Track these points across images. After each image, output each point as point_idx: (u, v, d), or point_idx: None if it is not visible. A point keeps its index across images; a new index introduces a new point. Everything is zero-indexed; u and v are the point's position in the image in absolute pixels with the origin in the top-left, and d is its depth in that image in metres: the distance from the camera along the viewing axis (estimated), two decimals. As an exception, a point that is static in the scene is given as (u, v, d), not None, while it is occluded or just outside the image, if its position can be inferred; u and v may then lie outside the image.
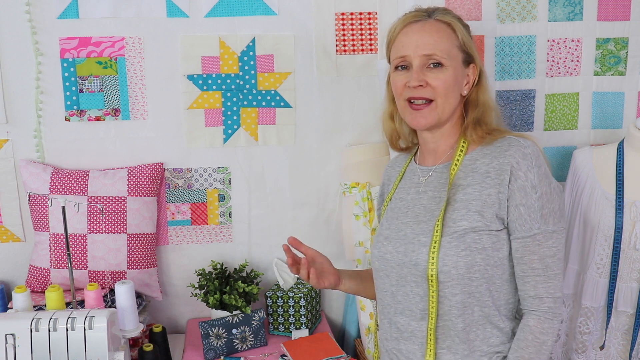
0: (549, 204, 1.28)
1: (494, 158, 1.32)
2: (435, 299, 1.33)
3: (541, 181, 1.28)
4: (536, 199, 1.27)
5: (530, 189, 1.27)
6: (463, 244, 1.30)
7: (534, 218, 1.28)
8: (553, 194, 1.30)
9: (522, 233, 1.29)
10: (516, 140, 1.31)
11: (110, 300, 1.94)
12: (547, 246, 1.29)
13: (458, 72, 1.36)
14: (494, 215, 1.30)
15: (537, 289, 1.30)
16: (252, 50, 2.02)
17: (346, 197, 2.09)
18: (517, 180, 1.28)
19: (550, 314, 1.30)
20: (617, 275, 1.79)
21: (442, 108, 1.36)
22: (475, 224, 1.30)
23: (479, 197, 1.31)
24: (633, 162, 1.81)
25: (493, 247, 1.30)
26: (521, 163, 1.28)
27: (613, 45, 2.05)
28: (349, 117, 2.12)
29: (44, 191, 1.96)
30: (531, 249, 1.29)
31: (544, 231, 1.28)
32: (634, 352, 1.83)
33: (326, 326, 2.19)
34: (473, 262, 1.30)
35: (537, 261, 1.29)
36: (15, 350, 1.49)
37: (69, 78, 1.97)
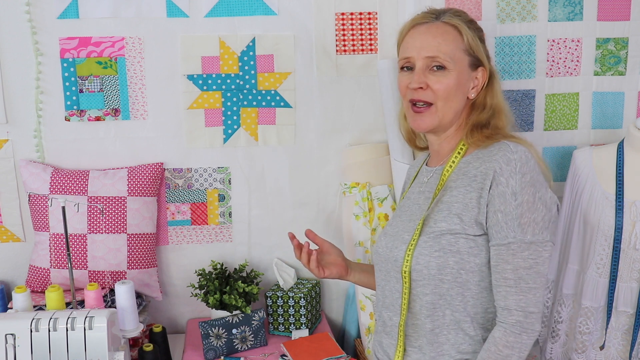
0: (529, 214, 1.23)
1: (483, 162, 1.29)
2: (407, 295, 1.33)
3: (523, 189, 1.23)
4: (515, 207, 1.23)
5: (510, 195, 1.23)
6: (438, 244, 1.29)
7: (511, 226, 1.24)
8: (537, 203, 1.24)
9: (497, 240, 1.26)
10: (506, 145, 1.28)
11: (110, 300, 1.94)
12: (522, 257, 1.24)
13: (463, 75, 1.35)
14: (473, 219, 1.28)
15: (507, 300, 1.25)
16: (252, 50, 2.02)
17: (346, 197, 2.09)
18: (498, 186, 1.25)
19: (518, 328, 1.25)
20: (617, 275, 1.79)
21: (442, 112, 1.35)
22: (453, 227, 1.28)
23: (462, 200, 1.29)
24: (633, 162, 1.81)
25: (469, 252, 1.28)
26: (504, 168, 1.25)
27: (613, 45, 2.05)
28: (349, 117, 2.12)
29: (44, 191, 1.96)
30: (504, 258, 1.25)
31: (519, 241, 1.23)
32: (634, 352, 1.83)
33: (326, 326, 2.19)
34: (445, 263, 1.29)
35: (510, 271, 1.25)
36: (15, 350, 1.49)
37: (69, 78, 1.97)
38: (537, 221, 1.24)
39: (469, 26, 1.37)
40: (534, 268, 1.24)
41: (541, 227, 1.24)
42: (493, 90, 1.39)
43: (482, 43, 1.39)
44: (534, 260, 1.24)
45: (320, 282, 2.24)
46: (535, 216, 1.23)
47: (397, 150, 2.01)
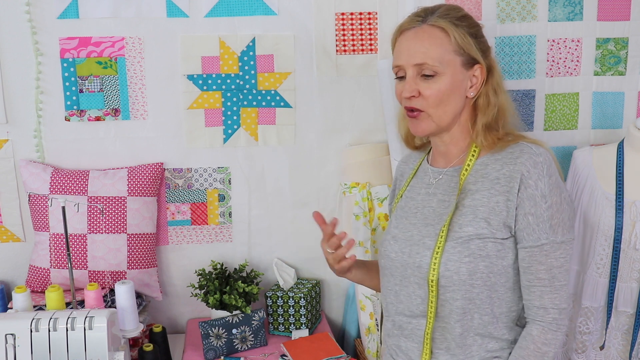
0: (559, 214, 1.26)
1: (505, 164, 1.29)
2: (434, 303, 1.32)
3: (551, 191, 1.26)
4: (546, 209, 1.25)
5: (540, 198, 1.25)
6: (467, 250, 1.29)
7: (543, 228, 1.26)
8: (563, 204, 1.27)
9: (529, 242, 1.27)
10: (528, 147, 1.29)
11: (110, 300, 1.94)
12: (554, 257, 1.27)
13: (457, 77, 1.32)
14: (501, 223, 1.28)
15: (543, 299, 1.29)
16: (252, 50, 2.02)
17: (346, 197, 2.09)
18: (527, 188, 1.26)
19: (555, 325, 1.29)
20: (617, 275, 1.79)
21: (437, 117, 1.33)
22: (481, 231, 1.28)
23: (487, 203, 1.29)
24: (633, 162, 1.81)
25: (497, 255, 1.29)
26: (532, 171, 1.26)
27: (613, 45, 2.05)
28: (349, 117, 2.12)
29: (44, 191, 1.96)
30: (538, 259, 1.27)
31: (552, 241, 1.26)
32: (634, 352, 1.83)
33: (326, 326, 2.19)
34: (476, 268, 1.28)
35: (544, 271, 1.28)
36: (15, 350, 1.49)
37: (69, 78, 1.97)
38: (565, 221, 1.27)
39: (458, 24, 1.31)
40: (564, 266, 1.28)
41: (568, 226, 1.28)
42: (494, 86, 1.36)
43: (477, 38, 1.34)
44: (564, 259, 1.28)
45: (320, 282, 2.24)
46: (563, 216, 1.27)
47: (397, 150, 2.01)
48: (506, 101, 1.37)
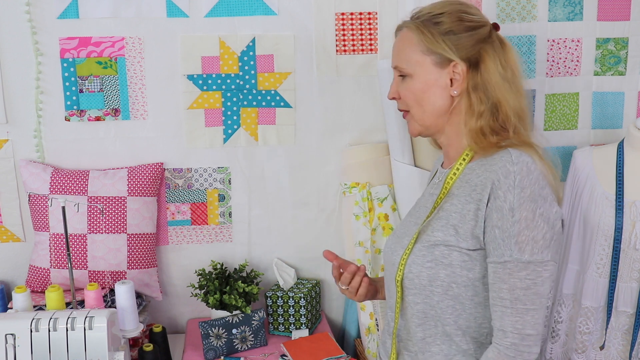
0: (528, 231, 1.15)
1: (485, 171, 1.22)
2: (399, 303, 1.32)
3: (522, 204, 1.15)
4: (512, 223, 1.15)
5: (507, 211, 1.16)
6: (431, 254, 1.25)
7: (507, 244, 1.16)
8: (537, 220, 1.16)
9: (493, 257, 1.19)
10: (508, 155, 1.19)
11: (110, 300, 1.94)
12: (518, 277, 1.16)
13: (430, 76, 1.29)
14: (469, 232, 1.21)
15: (503, 320, 1.19)
16: (252, 50, 2.02)
17: (346, 197, 2.09)
18: (496, 199, 1.17)
19: (513, 351, 1.18)
20: (617, 275, 1.79)
21: (418, 117, 1.34)
22: (448, 238, 1.23)
23: (460, 210, 1.23)
24: (633, 162, 1.81)
25: (462, 265, 1.22)
26: (502, 181, 1.17)
27: (613, 45, 2.05)
28: (349, 117, 2.12)
29: (44, 191, 1.96)
30: (501, 277, 1.18)
31: (516, 260, 1.15)
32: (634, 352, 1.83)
33: (326, 326, 2.19)
34: (436, 275, 1.24)
35: (506, 291, 1.17)
36: (15, 350, 1.49)
37: (69, 78, 1.97)
38: (537, 239, 1.16)
39: (427, 23, 1.30)
40: (532, 289, 1.16)
41: (541, 245, 1.16)
42: (478, 82, 1.27)
43: (456, 34, 1.28)
44: (532, 281, 1.16)
45: (320, 282, 2.24)
46: (535, 234, 1.15)
47: (397, 150, 2.01)
48: (506, 98, 1.27)
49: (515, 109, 1.27)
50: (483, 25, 1.30)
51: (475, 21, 1.29)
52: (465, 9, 1.31)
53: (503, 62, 1.28)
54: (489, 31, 1.30)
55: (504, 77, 1.27)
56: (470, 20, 1.29)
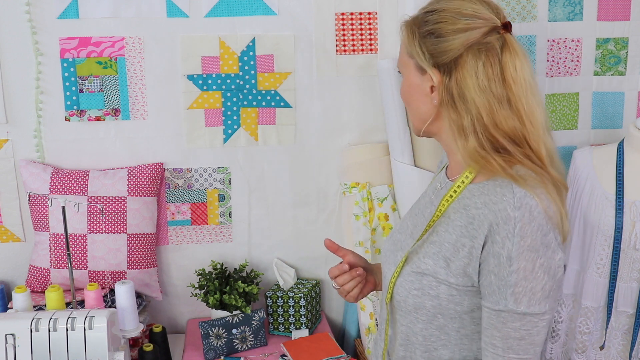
0: (526, 283, 1.05)
1: (484, 204, 1.08)
2: (387, 324, 1.25)
3: (521, 254, 1.04)
4: (509, 273, 1.05)
5: (505, 259, 1.05)
6: (418, 282, 1.16)
7: (503, 293, 1.06)
8: (537, 271, 1.05)
9: (488, 303, 1.09)
10: (511, 194, 1.06)
11: (110, 300, 1.94)
12: (513, 327, 1.07)
13: (414, 79, 1.19)
14: (461, 269, 1.11)
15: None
16: (252, 50, 2.02)
17: (346, 197, 2.09)
18: (494, 244, 1.06)
19: None
20: (617, 275, 1.79)
21: (411, 118, 1.26)
22: (438, 270, 1.13)
23: (454, 243, 1.12)
24: (633, 162, 1.81)
25: (449, 299, 1.13)
26: (501, 227, 1.05)
27: (613, 45, 2.05)
28: (349, 117, 2.12)
29: (44, 191, 1.96)
30: (494, 324, 1.09)
31: (511, 311, 1.06)
32: (634, 352, 1.83)
33: (326, 326, 2.19)
34: (422, 304, 1.16)
35: (499, 339, 1.09)
36: (15, 350, 1.49)
37: (69, 78, 1.97)
38: (535, 291, 1.05)
39: (416, 22, 1.18)
40: (526, 339, 1.08)
41: (539, 297, 1.06)
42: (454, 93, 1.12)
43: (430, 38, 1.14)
44: (527, 332, 1.07)
45: (320, 282, 2.24)
46: (534, 285, 1.05)
47: (397, 150, 2.01)
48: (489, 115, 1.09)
49: (507, 130, 1.09)
50: (476, 28, 1.10)
51: (465, 23, 1.11)
52: (461, 8, 1.12)
53: (490, 71, 1.10)
54: (483, 33, 1.10)
55: (484, 88, 1.09)
56: (456, 23, 1.12)
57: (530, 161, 1.10)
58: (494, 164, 1.08)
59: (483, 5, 1.13)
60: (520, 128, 1.10)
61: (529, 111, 1.10)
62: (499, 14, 1.12)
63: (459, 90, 1.11)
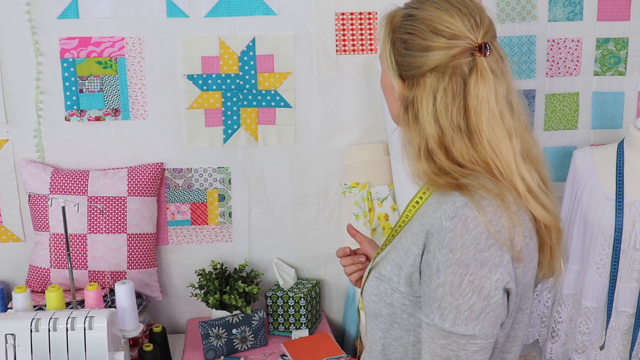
0: (452, 299, 0.96)
1: (433, 212, 1.02)
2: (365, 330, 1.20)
3: (448, 267, 0.96)
4: (437, 285, 0.98)
5: (434, 270, 0.99)
6: (377, 288, 1.11)
7: (431, 306, 0.99)
8: (464, 288, 0.96)
9: (422, 315, 1.03)
10: (451, 202, 0.99)
11: (110, 300, 1.94)
12: (439, 345, 0.99)
13: (386, 79, 1.11)
14: (407, 277, 1.05)
15: None
16: (252, 50, 2.02)
17: (346, 197, 2.09)
18: (428, 254, 1.01)
19: None
20: (617, 275, 1.79)
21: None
22: (392, 277, 1.08)
23: (406, 250, 1.06)
24: (633, 162, 1.81)
25: (403, 309, 1.07)
26: (434, 236, 0.99)
27: (613, 45, 2.05)
28: (349, 117, 2.12)
29: (44, 191, 1.96)
30: (425, 338, 1.02)
31: (436, 326, 0.98)
32: (634, 352, 1.83)
33: (326, 326, 2.19)
34: (379, 312, 1.11)
35: (428, 354, 1.01)
36: (15, 350, 1.49)
37: (69, 78, 1.97)
38: (462, 309, 0.96)
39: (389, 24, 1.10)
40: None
41: (466, 317, 0.96)
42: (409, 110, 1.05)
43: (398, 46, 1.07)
44: (454, 353, 0.98)
45: (320, 282, 2.24)
46: (460, 303, 0.96)
47: (397, 150, 2.01)
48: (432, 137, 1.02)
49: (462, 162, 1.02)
50: (445, 49, 1.00)
51: (435, 41, 1.01)
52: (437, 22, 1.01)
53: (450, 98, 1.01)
54: (451, 56, 1.00)
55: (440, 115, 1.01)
56: (430, 39, 1.01)
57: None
58: (441, 182, 1.02)
59: (463, 19, 1.01)
60: (482, 160, 1.01)
61: (493, 144, 1.00)
62: (478, 30, 1.01)
63: (414, 111, 1.04)
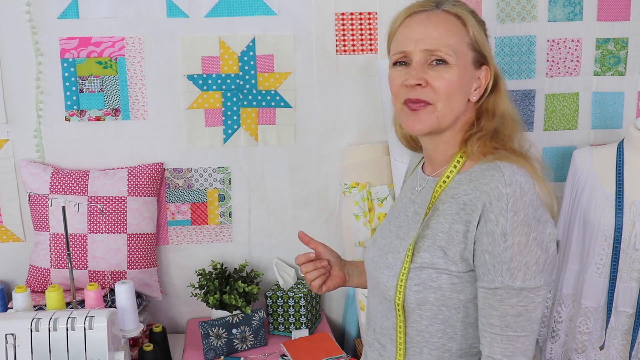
0: (521, 257, 1.07)
1: (475, 188, 1.11)
2: (402, 329, 1.21)
3: (515, 229, 1.06)
4: (504, 249, 1.07)
5: (499, 235, 1.07)
6: (418, 278, 1.15)
7: (499, 270, 1.08)
8: (531, 245, 1.07)
9: (484, 283, 1.10)
10: (500, 174, 1.09)
11: (110, 300, 1.94)
12: (510, 304, 1.09)
13: (466, 73, 1.16)
14: (458, 255, 1.12)
15: (492, 347, 1.11)
16: (252, 50, 2.02)
17: (346, 197, 2.09)
18: (487, 223, 1.08)
19: None
20: (617, 275, 1.79)
21: (442, 113, 1.16)
22: (436, 260, 1.14)
23: (448, 230, 1.13)
24: (633, 162, 1.81)
25: (452, 288, 1.14)
26: (494, 204, 1.07)
27: (613, 45, 2.05)
28: (349, 117, 2.12)
29: (44, 191, 1.96)
30: (491, 303, 1.10)
31: (507, 287, 1.08)
32: (634, 352, 1.83)
33: (326, 326, 2.19)
34: (425, 299, 1.15)
35: (497, 317, 1.10)
36: (16, 350, 1.49)
37: (69, 78, 1.97)
38: (530, 265, 1.08)
39: (474, 17, 1.18)
40: (523, 315, 1.09)
41: (534, 271, 1.08)
42: (500, 95, 1.21)
43: (486, 37, 1.20)
44: (524, 308, 1.09)
45: (320, 282, 2.24)
46: (528, 259, 1.07)
47: (397, 150, 2.01)
48: (510, 110, 1.21)
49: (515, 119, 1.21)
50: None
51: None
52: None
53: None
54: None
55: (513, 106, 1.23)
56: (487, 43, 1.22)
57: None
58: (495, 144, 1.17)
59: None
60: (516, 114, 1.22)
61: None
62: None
63: (500, 85, 1.21)
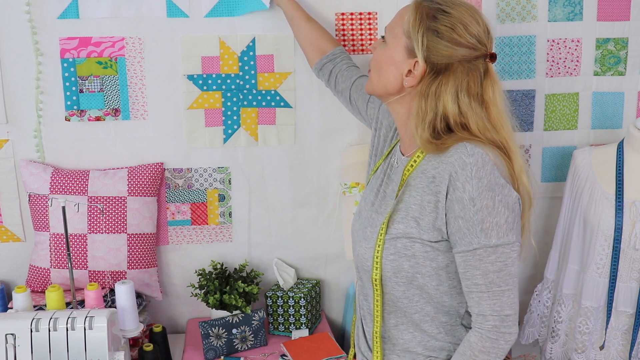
0: (491, 218, 1.21)
1: (441, 162, 1.26)
2: (380, 303, 1.35)
3: (481, 193, 1.20)
4: (474, 212, 1.20)
5: (468, 201, 1.21)
6: (393, 247, 1.29)
7: (473, 232, 1.21)
8: (498, 206, 1.21)
9: (462, 247, 1.24)
10: (463, 147, 1.23)
11: (110, 300, 1.94)
12: (489, 261, 1.22)
13: (397, 54, 1.31)
14: (430, 224, 1.26)
15: (481, 305, 1.25)
16: (252, 50, 2.02)
17: (346, 197, 2.09)
18: (455, 191, 1.22)
19: (494, 333, 1.25)
20: (617, 275, 1.79)
21: (373, 81, 1.38)
22: (410, 230, 1.28)
23: (420, 202, 1.27)
24: (633, 162, 1.81)
25: (425, 256, 1.28)
26: (460, 173, 1.21)
27: (613, 45, 2.05)
28: (349, 117, 2.11)
29: (44, 191, 1.96)
30: (473, 264, 1.23)
31: (484, 245, 1.21)
32: (634, 352, 1.83)
33: (326, 326, 2.19)
34: (400, 267, 1.29)
35: (480, 276, 1.23)
36: (15, 350, 1.49)
37: (69, 78, 1.97)
38: (500, 224, 1.21)
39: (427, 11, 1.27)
40: (503, 270, 1.23)
41: (505, 229, 1.22)
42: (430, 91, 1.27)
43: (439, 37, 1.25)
44: (503, 263, 1.22)
45: (320, 282, 2.24)
46: (498, 219, 1.21)
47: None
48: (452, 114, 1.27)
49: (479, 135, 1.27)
50: (471, 48, 1.26)
51: (465, 39, 1.26)
52: (468, 23, 1.26)
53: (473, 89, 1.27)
54: (474, 56, 1.27)
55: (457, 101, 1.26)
56: (461, 36, 1.26)
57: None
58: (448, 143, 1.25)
59: (484, 31, 1.28)
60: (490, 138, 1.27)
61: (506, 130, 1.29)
62: (490, 42, 1.30)
63: (438, 91, 1.27)
